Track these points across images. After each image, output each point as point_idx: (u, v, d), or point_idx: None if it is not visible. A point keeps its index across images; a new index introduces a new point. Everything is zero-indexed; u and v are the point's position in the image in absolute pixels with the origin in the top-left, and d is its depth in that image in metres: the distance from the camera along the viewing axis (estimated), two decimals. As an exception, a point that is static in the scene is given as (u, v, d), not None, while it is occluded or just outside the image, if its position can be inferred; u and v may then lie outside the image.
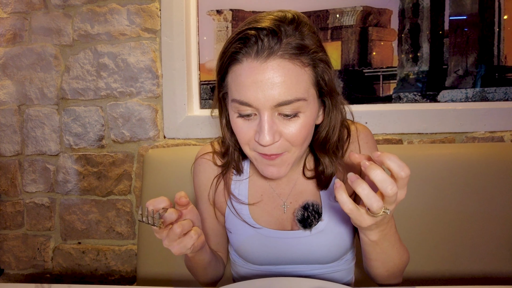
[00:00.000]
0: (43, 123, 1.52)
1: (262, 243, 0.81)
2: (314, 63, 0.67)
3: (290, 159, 0.71)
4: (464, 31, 1.37)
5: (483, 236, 1.12)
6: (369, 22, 1.40)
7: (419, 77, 1.39)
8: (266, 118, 0.65)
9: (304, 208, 0.78)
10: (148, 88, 1.44)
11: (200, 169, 0.88)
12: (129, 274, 1.54)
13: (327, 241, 0.79)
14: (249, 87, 0.64)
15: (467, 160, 1.16)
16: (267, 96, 0.63)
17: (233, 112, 0.70)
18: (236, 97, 0.66)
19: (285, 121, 0.66)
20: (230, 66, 0.68)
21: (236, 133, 0.71)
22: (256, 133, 0.67)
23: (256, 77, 0.63)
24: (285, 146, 0.68)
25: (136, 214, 1.51)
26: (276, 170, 0.71)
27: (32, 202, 1.56)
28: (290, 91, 0.63)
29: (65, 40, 1.47)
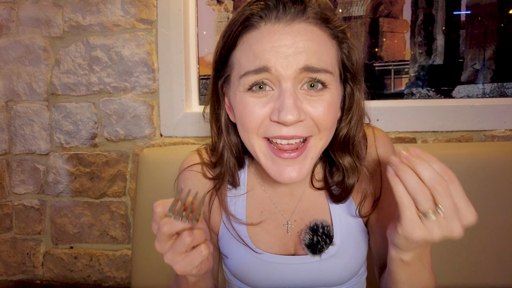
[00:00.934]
0: (32, 121, 1.46)
1: (263, 269, 0.70)
2: (340, 37, 0.59)
3: (315, 150, 0.59)
4: (482, 22, 1.30)
5: (507, 245, 1.05)
6: (380, 12, 1.34)
7: (433, 72, 1.32)
8: (289, 89, 0.55)
9: (313, 231, 0.67)
10: (143, 83, 1.38)
11: (187, 184, 0.75)
12: (124, 280, 1.47)
13: (339, 266, 0.69)
14: (268, 52, 0.54)
15: (486, 161, 1.10)
16: (290, 60, 0.54)
17: (242, 91, 0.58)
18: (251, 67, 0.56)
19: (310, 97, 0.57)
20: (241, 36, 0.58)
21: (242, 116, 0.59)
22: (274, 111, 0.56)
23: (278, 42, 0.54)
24: (311, 127, 0.57)
25: (131, 218, 1.44)
26: (297, 170, 0.58)
27: (21, 204, 1.50)
28: (318, 58, 0.55)
29: (55, 31, 1.41)
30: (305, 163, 0.59)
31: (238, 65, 0.59)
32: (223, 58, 0.62)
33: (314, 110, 0.56)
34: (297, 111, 0.54)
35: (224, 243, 0.75)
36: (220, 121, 0.69)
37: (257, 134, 0.59)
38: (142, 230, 1.17)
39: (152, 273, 1.16)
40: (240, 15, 0.58)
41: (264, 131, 0.58)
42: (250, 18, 0.56)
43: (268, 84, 0.57)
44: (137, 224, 1.17)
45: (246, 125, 0.59)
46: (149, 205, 1.15)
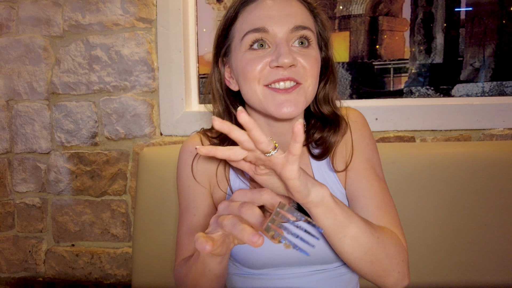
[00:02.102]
0: (33, 120, 1.46)
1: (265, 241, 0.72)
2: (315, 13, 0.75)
3: (305, 93, 0.70)
4: (482, 20, 1.30)
5: (505, 242, 1.05)
6: (379, 11, 1.33)
7: (432, 70, 1.32)
8: (284, 41, 0.67)
9: None
10: (143, 82, 1.38)
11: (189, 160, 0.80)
12: (125, 278, 1.48)
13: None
14: (266, 15, 0.68)
15: (485, 160, 1.10)
16: (283, 21, 0.68)
17: (243, 50, 0.70)
18: (251, 27, 0.69)
19: (299, 51, 0.69)
20: (241, 10, 0.71)
21: (244, 69, 0.69)
22: (273, 60, 0.67)
23: (272, 7, 0.69)
24: (302, 74, 0.69)
25: (132, 216, 1.45)
26: (293, 104, 0.68)
27: (23, 203, 1.50)
28: (303, 20, 0.70)
29: (55, 30, 1.40)
30: (299, 99, 0.69)
31: (238, 32, 0.71)
32: (225, 31, 0.74)
33: (304, 60, 0.69)
34: (292, 56, 0.66)
35: None
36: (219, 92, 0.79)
37: (258, 82, 0.69)
38: (143, 227, 1.17)
39: (153, 270, 1.17)
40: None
41: (264, 78, 0.69)
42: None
43: (266, 42, 0.69)
44: (138, 222, 1.17)
45: (248, 75, 0.69)
46: (149, 203, 1.17)
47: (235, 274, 0.81)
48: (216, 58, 0.78)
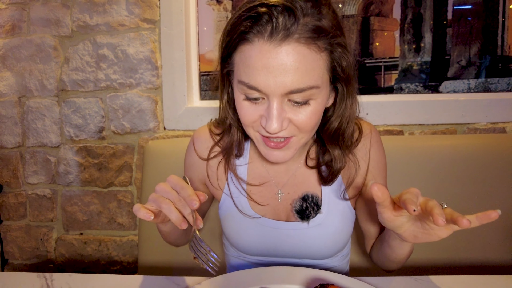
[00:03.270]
0: (44, 115, 1.52)
1: (258, 233, 0.80)
2: (332, 47, 0.62)
3: (297, 144, 0.69)
4: (468, 20, 1.35)
5: (483, 226, 1.11)
6: (371, 11, 1.38)
7: (421, 68, 1.38)
8: (276, 106, 0.61)
9: (303, 199, 0.77)
10: (147, 79, 1.44)
11: (196, 147, 0.86)
12: (131, 264, 1.56)
13: (324, 236, 0.78)
14: (260, 71, 0.60)
15: (468, 151, 1.16)
16: (278, 83, 0.59)
17: (239, 93, 0.66)
18: (244, 79, 0.62)
19: (295, 108, 0.63)
20: (239, 45, 0.63)
21: (240, 114, 0.68)
22: (263, 118, 0.64)
23: (268, 62, 0.59)
24: (293, 131, 0.66)
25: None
26: (283, 154, 0.68)
27: (34, 194, 1.57)
28: (303, 79, 0.60)
29: (64, 31, 1.47)
30: (288, 151, 0.69)
31: (237, 68, 0.65)
32: (225, 55, 0.68)
33: (297, 118, 0.64)
34: (280, 123, 0.62)
35: (224, 209, 0.84)
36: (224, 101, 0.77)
37: (252, 128, 0.69)
38: None
39: (157, 256, 1.22)
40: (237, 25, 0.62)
41: (257, 129, 0.68)
42: (245, 33, 0.60)
43: (259, 96, 0.64)
44: None
45: (243, 120, 0.68)
46: (154, 193, 1.24)
47: (233, 256, 0.89)
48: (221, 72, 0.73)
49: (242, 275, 0.67)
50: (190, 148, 0.88)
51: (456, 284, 0.67)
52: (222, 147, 0.82)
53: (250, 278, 0.65)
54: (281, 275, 0.67)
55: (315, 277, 0.64)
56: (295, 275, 0.66)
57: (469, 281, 0.68)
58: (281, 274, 0.67)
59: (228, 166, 0.81)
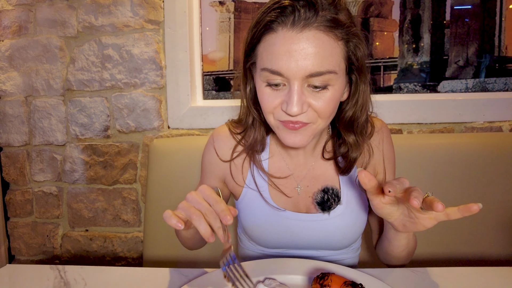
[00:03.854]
0: (50, 114, 1.55)
1: (279, 225, 0.82)
2: (348, 37, 0.67)
3: (314, 131, 0.72)
4: (466, 21, 1.37)
5: (480, 222, 1.15)
6: (371, 12, 1.41)
7: (420, 68, 1.41)
8: (296, 88, 0.66)
9: (324, 192, 0.80)
10: (152, 79, 1.47)
11: (217, 146, 0.88)
12: (135, 260, 1.59)
13: (344, 225, 0.81)
14: (282, 56, 0.65)
15: (465, 150, 1.19)
16: (299, 66, 0.64)
17: (261, 82, 0.71)
18: (268, 65, 0.67)
19: (314, 93, 0.68)
20: (263, 35, 0.68)
21: (261, 102, 0.72)
22: (284, 103, 0.68)
23: (291, 47, 0.64)
24: (312, 117, 0.70)
25: (142, 203, 1.55)
26: (299, 138, 0.71)
27: (41, 191, 1.60)
28: (322, 63, 0.65)
29: (70, 31, 1.49)
30: (305, 134, 0.72)
31: (260, 58, 0.70)
32: (250, 48, 0.73)
33: (316, 103, 0.68)
34: (300, 106, 0.66)
35: (245, 202, 0.86)
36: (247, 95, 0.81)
37: (272, 115, 0.73)
38: (153, 212, 1.26)
39: (162, 252, 1.25)
40: (263, 18, 0.68)
41: (277, 115, 0.72)
42: (270, 23, 0.66)
43: (281, 81, 0.68)
44: (149, 207, 1.26)
45: (264, 108, 0.73)
46: (159, 190, 1.26)
47: (249, 249, 0.92)
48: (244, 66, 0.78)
49: (247, 266, 0.70)
50: (210, 148, 0.90)
51: (452, 276, 0.70)
52: (246, 144, 0.85)
53: (256, 268, 0.69)
54: (285, 266, 0.70)
55: (317, 267, 0.67)
56: (298, 266, 0.69)
57: (465, 273, 0.71)
58: (285, 265, 0.70)
59: (254, 161, 0.84)
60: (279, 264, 0.71)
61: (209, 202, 0.59)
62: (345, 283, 0.53)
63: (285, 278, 0.65)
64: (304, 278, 0.66)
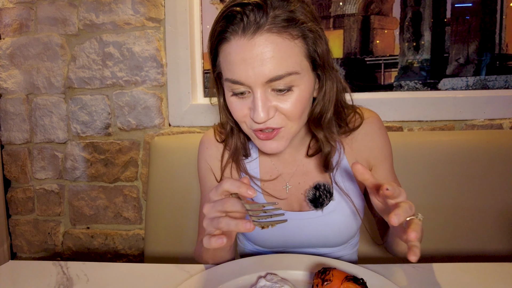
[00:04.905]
0: (51, 112, 1.55)
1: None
2: (304, 34, 0.65)
3: (288, 134, 0.71)
4: (466, 19, 1.37)
5: (480, 219, 1.15)
6: (371, 10, 1.41)
7: (420, 66, 1.41)
8: (259, 96, 0.65)
9: (316, 188, 0.80)
10: (153, 77, 1.47)
11: (208, 153, 0.89)
12: (137, 257, 1.59)
13: (338, 221, 0.81)
14: (239, 65, 0.63)
15: (466, 147, 1.18)
16: (257, 73, 0.63)
17: (228, 91, 0.70)
18: (228, 76, 0.66)
19: (279, 96, 0.66)
20: (219, 46, 0.67)
21: (231, 111, 0.72)
22: (251, 111, 0.67)
23: (245, 54, 0.62)
24: (281, 120, 0.68)
25: (143, 200, 1.55)
26: (276, 144, 0.71)
27: (42, 189, 1.60)
28: (280, 66, 0.63)
29: (71, 29, 1.49)
30: (281, 141, 0.71)
31: (222, 69, 0.69)
32: (212, 58, 0.73)
33: (283, 106, 0.67)
34: (266, 112, 0.65)
35: None
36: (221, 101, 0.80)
37: (245, 124, 0.72)
38: (155, 210, 1.26)
39: (163, 249, 1.25)
40: (215, 27, 0.67)
41: (249, 124, 0.71)
42: (222, 33, 0.65)
43: (245, 90, 0.67)
44: (150, 204, 1.27)
45: (236, 118, 0.72)
46: (160, 188, 1.26)
47: (247, 248, 0.92)
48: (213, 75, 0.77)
49: (248, 261, 0.70)
50: (202, 155, 0.90)
51: (453, 271, 0.70)
52: (230, 152, 0.84)
53: (257, 264, 0.69)
54: (286, 261, 0.70)
55: (318, 262, 0.68)
56: (300, 261, 0.69)
57: (465, 268, 0.71)
58: (286, 261, 0.70)
59: (239, 168, 0.84)
60: (281, 259, 0.71)
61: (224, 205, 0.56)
62: (347, 278, 0.53)
63: (286, 273, 0.65)
64: (306, 273, 0.66)
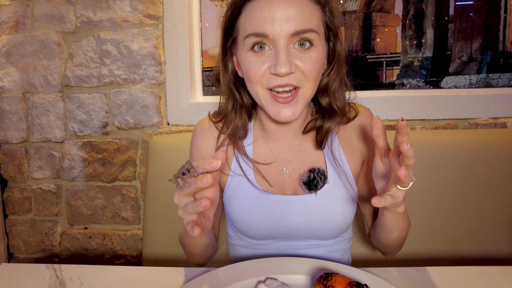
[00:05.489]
0: (48, 111, 1.54)
1: (266, 210, 0.81)
2: (322, 3, 0.73)
3: (304, 97, 0.73)
4: (470, 16, 1.36)
5: (484, 220, 1.14)
6: (373, 7, 1.39)
7: (422, 63, 1.39)
8: (283, 48, 0.68)
9: (310, 171, 0.80)
10: (151, 75, 1.45)
11: (202, 138, 0.89)
12: (135, 258, 1.58)
13: (332, 205, 0.81)
14: (266, 18, 0.68)
15: (469, 146, 1.17)
16: (283, 26, 0.67)
17: (245, 51, 0.72)
18: (252, 30, 0.69)
19: (300, 54, 0.70)
20: (244, 5, 0.72)
21: (248, 71, 0.73)
22: (272, 66, 0.69)
23: (273, 8, 0.68)
24: (300, 79, 0.71)
25: (141, 200, 1.54)
26: (292, 111, 0.72)
27: (39, 188, 1.59)
28: (305, 22, 0.68)
29: (68, 27, 1.48)
30: (296, 106, 0.73)
31: (242, 29, 0.72)
32: (230, 23, 0.75)
33: (303, 64, 0.70)
34: (289, 65, 0.68)
35: (231, 190, 0.85)
36: (228, 76, 0.82)
37: (261, 85, 0.73)
38: (153, 210, 1.25)
39: (161, 249, 1.24)
40: None
41: (266, 83, 0.72)
42: None
43: (266, 44, 0.70)
44: (148, 204, 1.25)
45: (251, 78, 0.73)
46: (158, 188, 1.25)
47: (238, 245, 0.90)
48: (224, 47, 0.80)
49: (248, 265, 0.68)
50: (194, 141, 0.91)
51: (457, 275, 0.68)
52: (228, 132, 0.84)
53: (256, 268, 0.67)
54: (286, 265, 0.68)
55: (319, 267, 0.66)
56: (300, 265, 0.68)
57: (470, 272, 0.69)
58: (287, 265, 0.69)
59: (237, 148, 0.84)
60: (281, 263, 0.69)
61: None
62: (350, 284, 0.51)
63: (287, 278, 0.63)
64: (307, 278, 0.64)
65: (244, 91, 0.83)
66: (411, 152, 0.55)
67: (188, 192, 0.58)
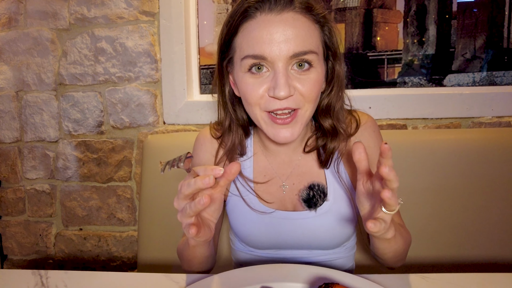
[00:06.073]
0: (42, 109, 1.51)
1: (266, 225, 0.80)
2: (323, 21, 0.71)
3: (303, 118, 0.72)
4: (473, 12, 1.33)
5: (488, 222, 1.11)
6: (374, 3, 1.36)
7: (425, 61, 1.36)
8: (282, 70, 0.66)
9: (310, 188, 0.78)
10: (146, 73, 1.42)
11: (202, 149, 0.88)
12: (131, 260, 1.55)
13: (332, 222, 0.79)
14: (264, 40, 0.66)
15: (473, 146, 1.14)
16: (282, 48, 0.65)
17: (243, 72, 0.70)
18: (250, 52, 0.67)
19: (298, 75, 0.68)
20: (241, 24, 0.69)
21: (245, 93, 0.71)
22: (270, 89, 0.67)
23: (271, 30, 0.65)
24: (299, 101, 0.69)
25: (137, 201, 1.51)
26: (290, 131, 0.70)
27: (33, 189, 1.56)
28: (304, 43, 0.66)
29: (62, 24, 1.45)
30: (295, 127, 0.71)
31: (239, 49, 0.70)
32: (226, 42, 0.73)
33: (302, 86, 0.68)
34: (288, 88, 0.66)
35: (232, 204, 0.84)
36: (225, 96, 0.80)
37: (259, 107, 0.71)
38: (148, 211, 1.23)
39: (157, 251, 1.22)
40: (240, 7, 0.69)
41: (264, 105, 0.70)
42: (248, 9, 0.67)
43: (264, 65, 0.68)
44: (143, 205, 1.23)
45: (249, 100, 0.71)
46: (154, 188, 1.22)
47: (240, 251, 0.89)
48: (220, 67, 0.78)
49: (243, 272, 0.65)
50: (196, 151, 0.90)
51: (464, 282, 0.65)
52: (226, 149, 0.83)
53: (252, 276, 0.64)
54: (283, 273, 0.65)
55: (318, 275, 0.63)
56: (298, 273, 0.64)
57: (477, 279, 0.66)
58: (284, 272, 0.65)
59: None
60: (276, 270, 0.66)
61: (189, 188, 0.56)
62: (350, 294, 0.48)
63: (283, 286, 0.60)
64: (305, 286, 0.61)
65: (241, 109, 0.81)
66: (391, 175, 0.51)
67: (188, 193, 0.56)
